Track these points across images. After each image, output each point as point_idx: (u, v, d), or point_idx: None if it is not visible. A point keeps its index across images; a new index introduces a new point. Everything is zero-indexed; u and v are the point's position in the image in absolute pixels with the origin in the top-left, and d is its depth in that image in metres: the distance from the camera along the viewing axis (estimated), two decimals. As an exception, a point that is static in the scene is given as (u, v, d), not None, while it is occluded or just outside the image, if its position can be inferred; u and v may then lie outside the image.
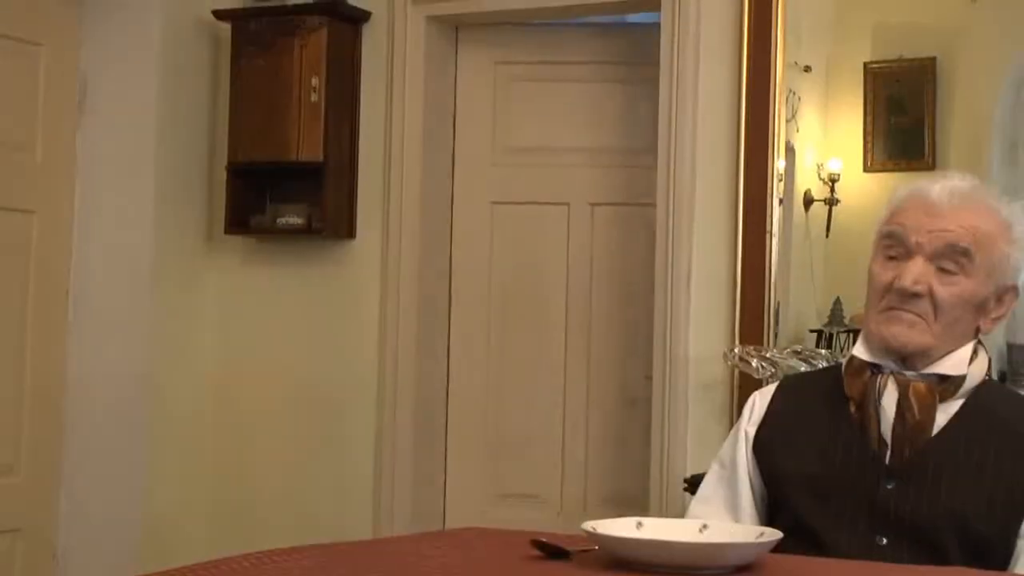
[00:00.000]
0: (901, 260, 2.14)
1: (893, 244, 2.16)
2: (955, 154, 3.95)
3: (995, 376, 2.69)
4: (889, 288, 2.14)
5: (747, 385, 3.69)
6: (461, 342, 4.64)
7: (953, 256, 2.12)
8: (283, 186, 4.60)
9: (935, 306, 2.12)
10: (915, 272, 2.11)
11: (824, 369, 2.65)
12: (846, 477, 2.13)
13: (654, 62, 4.15)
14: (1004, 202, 2.19)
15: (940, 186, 2.15)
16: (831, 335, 3.98)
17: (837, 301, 4.00)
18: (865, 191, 4.01)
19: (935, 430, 2.12)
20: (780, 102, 3.92)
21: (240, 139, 4.52)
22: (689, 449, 3.99)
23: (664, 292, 4.05)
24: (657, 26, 4.14)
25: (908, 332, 2.12)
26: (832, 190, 4.03)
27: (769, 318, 3.90)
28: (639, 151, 4.47)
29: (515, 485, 4.74)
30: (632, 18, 4.69)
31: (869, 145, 4.01)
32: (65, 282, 4.42)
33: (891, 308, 2.14)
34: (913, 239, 2.13)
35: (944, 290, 2.12)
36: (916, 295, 2.12)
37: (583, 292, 4.66)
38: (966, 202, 2.14)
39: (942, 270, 2.12)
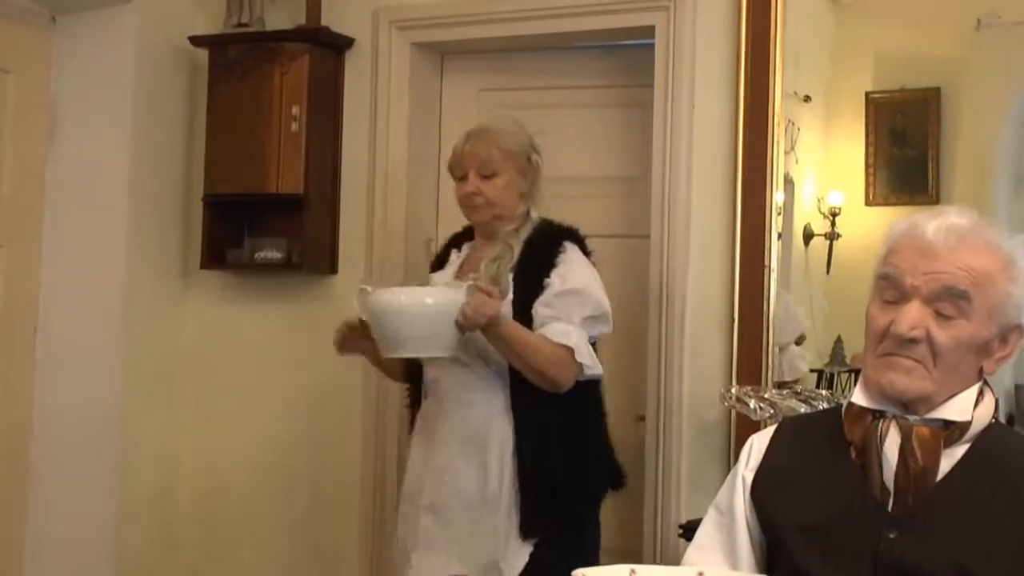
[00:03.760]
0: (898, 304, 2.08)
1: (889, 287, 2.10)
2: (960, 187, 3.93)
3: (1003, 418, 2.66)
4: (886, 333, 2.09)
5: (745, 427, 3.67)
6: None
7: (950, 299, 2.05)
8: (262, 219, 4.56)
9: (933, 351, 2.06)
10: (911, 317, 2.05)
11: (824, 411, 2.63)
12: (847, 525, 2.08)
13: (646, 84, 4.09)
14: (1006, 237, 2.12)
15: (936, 224, 2.08)
16: (832, 375, 3.97)
17: (838, 340, 3.97)
18: (867, 226, 3.98)
19: (939, 476, 2.07)
20: (779, 133, 3.90)
21: (217, 170, 4.48)
22: (684, 494, 3.96)
23: (658, 330, 4.02)
24: (650, 47, 4.09)
25: (906, 379, 2.07)
26: (833, 224, 4.01)
27: (768, 357, 3.88)
28: (630, 180, 4.39)
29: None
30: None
31: (871, 178, 3.99)
32: (33, 318, 4.40)
33: (888, 354, 2.09)
34: (908, 282, 2.07)
35: (942, 334, 2.05)
36: (913, 341, 2.06)
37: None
38: (963, 241, 2.07)
39: (940, 314, 2.05)
